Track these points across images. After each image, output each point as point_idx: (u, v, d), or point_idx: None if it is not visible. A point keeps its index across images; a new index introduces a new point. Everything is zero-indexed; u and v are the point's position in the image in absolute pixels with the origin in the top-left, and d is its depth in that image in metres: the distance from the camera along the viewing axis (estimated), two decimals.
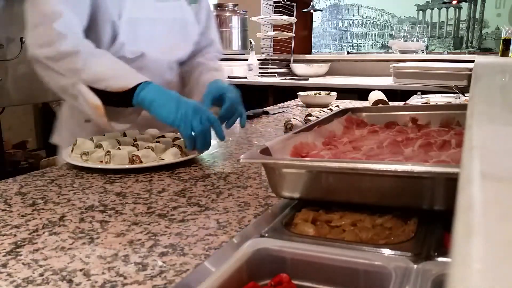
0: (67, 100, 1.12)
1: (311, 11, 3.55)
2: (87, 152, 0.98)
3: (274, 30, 3.49)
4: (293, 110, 1.84)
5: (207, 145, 0.98)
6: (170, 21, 1.19)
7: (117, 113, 1.05)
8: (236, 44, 3.73)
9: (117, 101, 1.00)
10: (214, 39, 1.40)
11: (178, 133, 1.12)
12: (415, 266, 0.46)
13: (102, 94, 0.98)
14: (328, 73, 3.37)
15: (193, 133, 0.94)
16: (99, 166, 0.94)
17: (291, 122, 1.37)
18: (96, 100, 0.98)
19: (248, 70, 3.17)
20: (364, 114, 1.02)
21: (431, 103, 1.74)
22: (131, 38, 1.10)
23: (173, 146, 1.02)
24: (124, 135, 1.13)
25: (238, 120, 1.11)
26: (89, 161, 0.96)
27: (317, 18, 3.80)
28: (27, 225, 0.67)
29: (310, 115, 1.50)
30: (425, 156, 0.68)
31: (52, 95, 3.32)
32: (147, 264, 0.54)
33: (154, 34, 1.15)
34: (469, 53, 3.19)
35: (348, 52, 3.65)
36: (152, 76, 1.11)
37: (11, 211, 0.72)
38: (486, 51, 3.20)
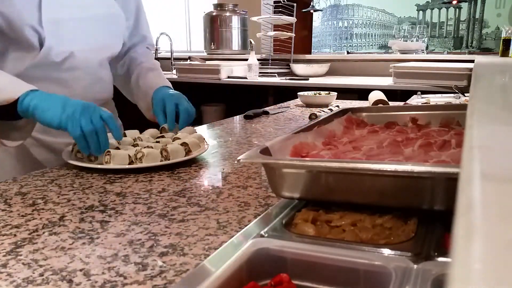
0: None
1: (311, 11, 3.55)
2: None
3: (274, 30, 3.49)
4: (293, 110, 1.84)
5: (102, 146, 0.93)
6: (96, 17, 1.15)
7: (10, 129, 1.00)
8: (236, 44, 3.73)
9: (6, 114, 0.95)
10: (146, 34, 1.38)
11: (178, 133, 1.13)
12: (415, 266, 0.46)
13: None
14: (328, 73, 3.37)
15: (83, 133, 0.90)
16: (99, 166, 0.94)
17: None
18: None
19: (248, 70, 3.17)
20: (364, 114, 1.02)
21: (431, 103, 1.74)
22: (56, 39, 1.06)
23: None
24: (124, 135, 1.13)
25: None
26: (85, 160, 0.96)
27: (317, 18, 3.80)
28: (27, 225, 0.67)
29: (314, 114, 1.51)
30: (425, 156, 0.68)
31: None
32: (147, 264, 0.54)
33: (80, 33, 1.11)
34: (469, 53, 3.19)
35: (348, 52, 3.65)
36: (84, 74, 1.15)
37: (11, 211, 0.72)
38: (486, 51, 3.20)
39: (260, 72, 3.24)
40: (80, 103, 0.93)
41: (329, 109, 1.68)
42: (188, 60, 3.60)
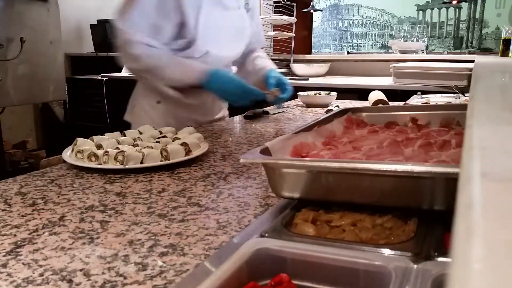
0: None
1: (311, 11, 3.55)
2: (82, 150, 0.98)
3: (274, 30, 3.49)
4: (293, 110, 1.84)
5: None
6: (232, 28, 1.48)
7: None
8: None
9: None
10: (263, 40, 1.79)
11: (178, 133, 1.14)
12: (415, 266, 0.46)
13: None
14: (328, 73, 3.36)
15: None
16: (99, 166, 0.94)
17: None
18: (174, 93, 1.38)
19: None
20: (364, 114, 1.02)
21: (431, 103, 1.74)
22: (202, 41, 1.38)
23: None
24: (124, 135, 1.13)
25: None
26: (85, 160, 0.96)
27: (317, 18, 3.80)
28: (27, 225, 0.67)
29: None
30: (425, 156, 0.68)
31: (52, 95, 3.33)
32: (147, 264, 0.54)
33: (218, 38, 1.43)
34: (469, 53, 3.19)
35: (348, 52, 3.65)
36: None
37: (11, 211, 0.72)
38: (486, 51, 3.20)
39: None
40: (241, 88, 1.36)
41: (329, 109, 1.68)
42: None
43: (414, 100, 1.90)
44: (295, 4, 3.35)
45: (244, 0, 1.52)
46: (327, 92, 2.00)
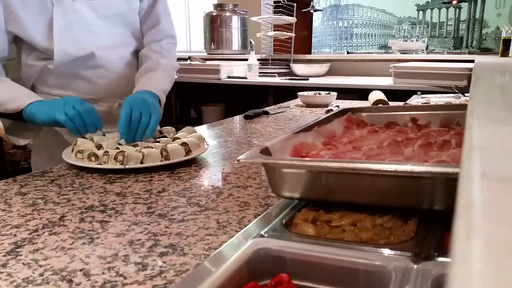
0: None
1: (311, 11, 3.55)
2: (82, 150, 0.98)
3: (274, 30, 3.49)
4: (293, 110, 1.84)
5: (88, 126, 1.03)
6: (113, 16, 1.19)
7: (22, 129, 1.19)
8: (236, 44, 3.73)
9: (16, 117, 1.09)
10: (170, 33, 1.35)
11: (178, 133, 1.13)
12: (415, 266, 0.46)
13: (6, 115, 1.10)
14: (328, 73, 3.36)
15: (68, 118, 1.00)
16: (99, 166, 0.94)
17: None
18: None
19: (248, 70, 3.17)
20: (364, 114, 1.02)
21: (431, 103, 1.74)
22: (70, 42, 1.14)
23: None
24: None
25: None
26: (85, 160, 0.96)
27: (317, 18, 3.80)
28: (27, 225, 0.67)
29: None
30: (425, 156, 0.68)
31: None
32: (147, 264, 0.54)
33: (95, 33, 1.17)
34: (469, 53, 3.19)
35: (348, 52, 3.65)
36: (107, 72, 1.22)
37: (11, 211, 0.72)
38: (486, 51, 3.20)
39: (260, 72, 3.24)
40: (62, 100, 1.04)
41: (329, 109, 1.68)
42: (188, 60, 3.60)
43: (414, 100, 1.90)
44: (295, 4, 3.35)
45: None
46: (327, 92, 2.01)
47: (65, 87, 1.21)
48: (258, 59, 3.28)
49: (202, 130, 1.45)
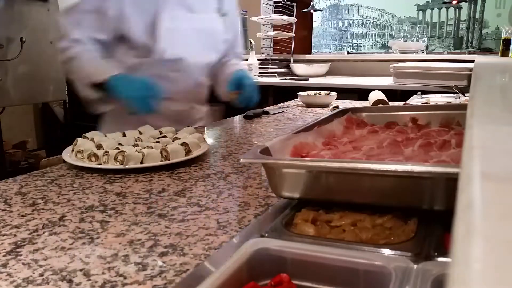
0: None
1: (311, 11, 3.55)
2: (82, 150, 0.98)
3: (274, 30, 3.49)
4: (293, 110, 1.84)
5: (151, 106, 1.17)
6: (201, 32, 1.39)
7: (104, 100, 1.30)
8: None
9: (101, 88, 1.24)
10: (240, 49, 1.62)
11: (178, 133, 1.14)
12: (415, 266, 0.46)
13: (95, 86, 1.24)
14: (328, 73, 3.36)
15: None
16: (99, 166, 0.94)
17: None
18: (88, 91, 1.26)
19: (248, 70, 3.17)
20: (364, 114, 1.02)
21: (431, 103, 1.74)
22: (170, 44, 1.31)
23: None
24: (124, 135, 1.13)
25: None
26: (85, 160, 0.96)
27: (317, 18, 3.80)
28: (27, 225, 0.67)
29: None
30: (425, 156, 0.68)
31: (52, 95, 3.33)
32: (147, 264, 0.54)
33: (187, 42, 1.36)
34: (469, 53, 3.19)
35: (348, 52, 3.65)
36: (187, 77, 1.40)
37: (11, 211, 0.72)
38: (486, 51, 3.20)
39: (260, 72, 3.24)
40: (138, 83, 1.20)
41: (332, 109, 1.68)
42: None
43: (414, 100, 1.90)
44: (295, 4, 3.35)
45: (216, 4, 1.43)
46: (327, 92, 2.00)
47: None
48: (258, 59, 3.28)
49: (202, 130, 1.45)
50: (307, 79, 3.06)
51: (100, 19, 1.27)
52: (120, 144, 1.03)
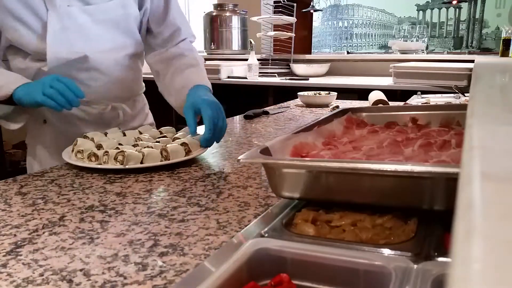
0: None
1: (311, 11, 3.55)
2: (82, 150, 0.98)
3: (274, 30, 3.49)
4: (293, 110, 1.84)
5: (70, 99, 1.04)
6: (105, 21, 1.20)
7: (16, 113, 1.21)
8: (236, 44, 3.73)
9: (8, 102, 1.11)
10: (179, 24, 1.34)
11: (178, 133, 1.14)
12: (415, 266, 0.46)
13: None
14: (328, 73, 3.36)
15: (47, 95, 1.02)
16: (99, 166, 0.94)
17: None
18: None
19: (248, 70, 3.17)
20: (364, 114, 1.02)
21: (431, 103, 1.74)
22: (64, 46, 1.15)
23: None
24: (124, 134, 1.13)
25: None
26: (85, 160, 0.96)
27: (317, 18, 3.80)
28: (27, 225, 0.67)
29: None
30: (425, 156, 0.68)
31: None
32: (147, 264, 0.54)
33: (89, 37, 1.18)
34: (469, 53, 3.19)
35: (348, 52, 3.65)
36: (100, 75, 1.22)
37: (11, 211, 0.72)
38: (486, 51, 3.20)
39: (260, 72, 3.24)
40: (40, 81, 1.06)
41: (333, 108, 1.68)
42: None
43: (414, 100, 1.90)
44: (295, 4, 3.35)
45: None
46: (327, 92, 2.01)
47: None
48: (258, 59, 3.28)
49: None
50: (307, 79, 3.06)
51: None
52: (120, 144, 1.03)
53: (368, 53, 3.59)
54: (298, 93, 2.00)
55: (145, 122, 1.40)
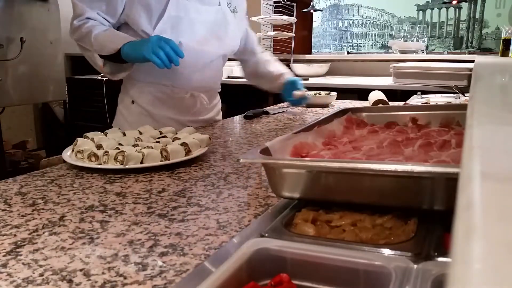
0: (94, 65, 1.41)
1: (311, 11, 3.55)
2: (82, 150, 0.98)
3: (274, 30, 3.49)
4: (293, 110, 1.84)
5: (173, 58, 1.20)
6: (209, 22, 1.44)
7: (118, 69, 1.38)
8: None
9: (114, 58, 1.30)
10: (255, 40, 1.85)
11: (178, 133, 1.14)
12: (415, 266, 0.46)
13: (109, 56, 1.31)
14: (328, 73, 3.36)
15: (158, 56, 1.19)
16: (99, 166, 0.94)
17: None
18: (99, 61, 1.33)
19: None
20: (364, 114, 1.02)
21: (431, 103, 1.74)
22: (171, 30, 1.35)
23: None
24: (124, 135, 1.13)
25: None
26: (85, 160, 0.96)
27: (317, 18, 3.79)
28: (27, 225, 0.67)
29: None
30: (425, 156, 0.68)
31: (52, 95, 3.33)
32: (147, 264, 0.54)
33: (193, 30, 1.40)
34: (469, 53, 3.19)
35: (348, 52, 3.65)
36: (190, 65, 1.41)
37: (11, 211, 0.72)
38: (486, 51, 3.20)
39: None
40: (147, 40, 1.23)
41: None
42: None
43: (414, 100, 1.90)
44: (295, 4, 3.35)
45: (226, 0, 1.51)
46: (327, 92, 2.00)
47: (148, 72, 1.39)
48: None
49: (202, 130, 1.45)
50: (307, 79, 3.06)
51: (108, 4, 1.34)
52: (120, 144, 1.03)
53: (368, 53, 3.59)
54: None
55: (217, 117, 1.64)
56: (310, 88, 2.42)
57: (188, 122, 1.47)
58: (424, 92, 2.08)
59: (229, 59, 1.72)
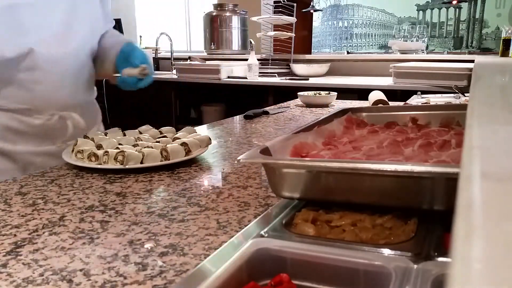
0: None
1: (311, 11, 3.55)
2: (82, 150, 0.98)
3: (274, 30, 3.49)
4: (293, 110, 1.84)
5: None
6: (58, 2, 0.97)
7: None
8: (236, 44, 3.73)
9: None
10: (112, 19, 1.26)
11: (178, 133, 1.14)
12: (415, 266, 0.46)
13: None
14: (328, 73, 3.36)
15: None
16: (99, 166, 0.94)
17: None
18: None
19: (248, 70, 3.17)
20: (364, 114, 1.02)
21: (431, 103, 1.74)
22: (11, 29, 0.89)
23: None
24: (124, 134, 1.13)
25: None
26: (85, 160, 0.96)
27: (317, 18, 3.80)
28: (27, 225, 0.67)
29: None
30: (425, 156, 0.68)
31: None
32: (147, 264, 0.54)
33: (42, 23, 0.94)
34: (469, 53, 3.19)
35: (348, 52, 3.65)
36: (47, 74, 0.98)
37: (11, 211, 0.72)
38: (486, 51, 3.20)
39: (260, 72, 3.24)
40: None
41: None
42: (188, 60, 3.60)
43: (414, 100, 1.90)
44: (295, 4, 3.35)
45: None
46: (327, 92, 2.01)
47: None
48: (258, 59, 3.28)
49: (202, 130, 1.45)
50: (307, 79, 3.06)
51: None
52: (120, 144, 1.03)
53: (368, 53, 3.59)
54: (298, 93, 2.00)
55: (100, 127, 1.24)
56: (310, 88, 2.43)
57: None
58: (424, 92, 2.08)
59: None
